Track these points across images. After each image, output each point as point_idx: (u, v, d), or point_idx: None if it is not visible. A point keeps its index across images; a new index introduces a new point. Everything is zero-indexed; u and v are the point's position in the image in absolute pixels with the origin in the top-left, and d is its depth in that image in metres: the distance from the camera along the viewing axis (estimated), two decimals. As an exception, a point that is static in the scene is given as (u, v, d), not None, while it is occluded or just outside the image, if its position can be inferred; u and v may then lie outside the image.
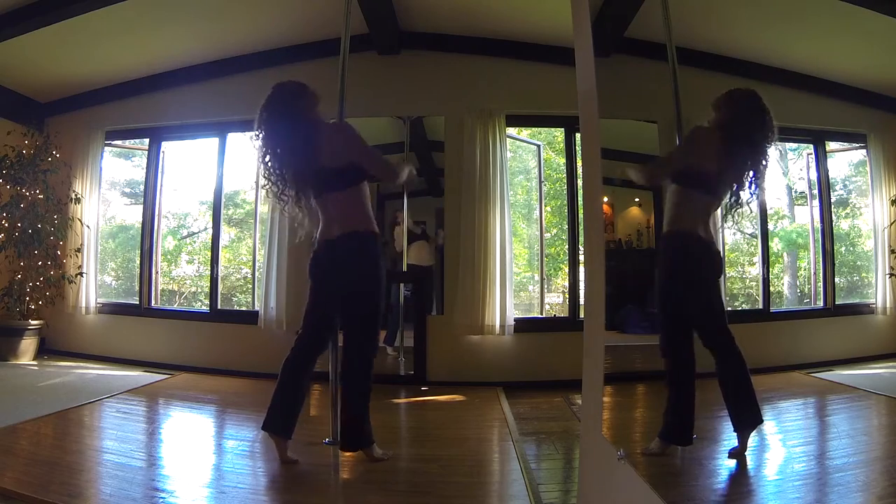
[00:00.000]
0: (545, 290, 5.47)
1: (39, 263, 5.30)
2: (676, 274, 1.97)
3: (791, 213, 2.03)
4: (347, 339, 2.88)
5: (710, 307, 1.88)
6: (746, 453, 1.61)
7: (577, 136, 4.93)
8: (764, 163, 1.78)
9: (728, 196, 1.82)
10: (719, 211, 1.88)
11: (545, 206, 5.55)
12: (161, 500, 2.34)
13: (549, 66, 4.89)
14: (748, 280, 2.09)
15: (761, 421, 1.64)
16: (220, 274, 5.53)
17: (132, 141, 6.02)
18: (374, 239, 2.86)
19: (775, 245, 2.03)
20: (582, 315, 2.51)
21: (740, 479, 1.66)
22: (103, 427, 3.49)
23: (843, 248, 1.80)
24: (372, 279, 2.83)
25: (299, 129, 2.82)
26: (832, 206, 1.75)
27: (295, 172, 2.83)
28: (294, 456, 2.82)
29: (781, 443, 1.68)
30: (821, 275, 1.83)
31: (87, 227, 5.48)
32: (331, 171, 2.82)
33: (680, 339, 1.95)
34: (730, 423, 1.73)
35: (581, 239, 4.84)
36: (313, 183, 2.85)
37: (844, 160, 1.75)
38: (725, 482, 1.71)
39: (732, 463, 1.71)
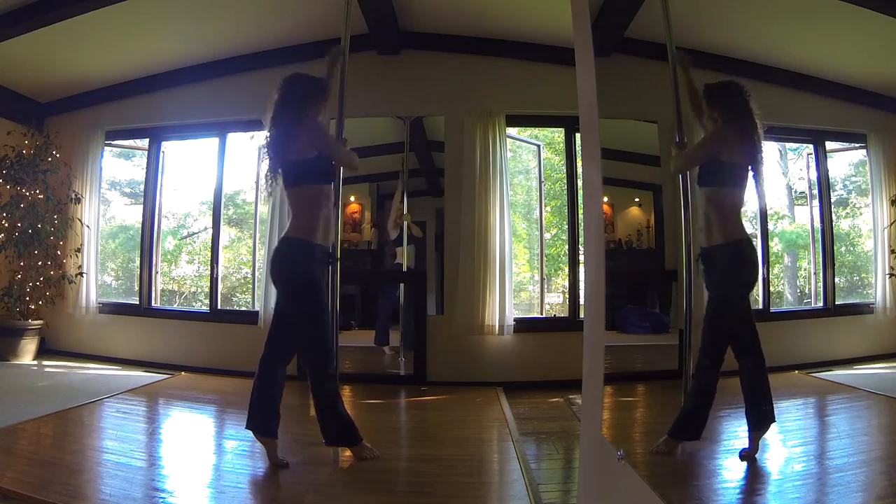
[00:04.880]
0: (545, 290, 5.47)
1: (39, 263, 5.30)
2: (745, 279, 1.93)
3: (791, 213, 2.03)
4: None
5: (749, 312, 1.87)
6: (756, 455, 1.61)
7: (577, 136, 4.93)
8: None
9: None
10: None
11: (545, 206, 5.55)
12: (161, 500, 2.34)
13: (549, 66, 4.89)
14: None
15: (773, 420, 1.64)
16: (220, 274, 5.53)
17: (132, 141, 6.02)
18: (294, 245, 2.86)
19: (775, 245, 2.03)
20: (582, 315, 2.51)
21: (740, 479, 1.66)
22: (103, 427, 3.49)
23: (843, 248, 1.80)
24: (293, 287, 2.87)
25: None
26: (832, 206, 1.75)
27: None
28: (285, 457, 2.82)
29: (782, 443, 1.68)
30: (821, 275, 1.83)
31: (87, 227, 5.48)
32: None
33: (723, 343, 1.94)
34: (730, 423, 1.73)
35: (581, 239, 4.84)
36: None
37: (844, 160, 1.75)
38: (725, 482, 1.71)
39: (732, 463, 1.71)
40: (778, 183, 2.03)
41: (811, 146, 1.84)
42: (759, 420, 1.69)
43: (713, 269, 1.98)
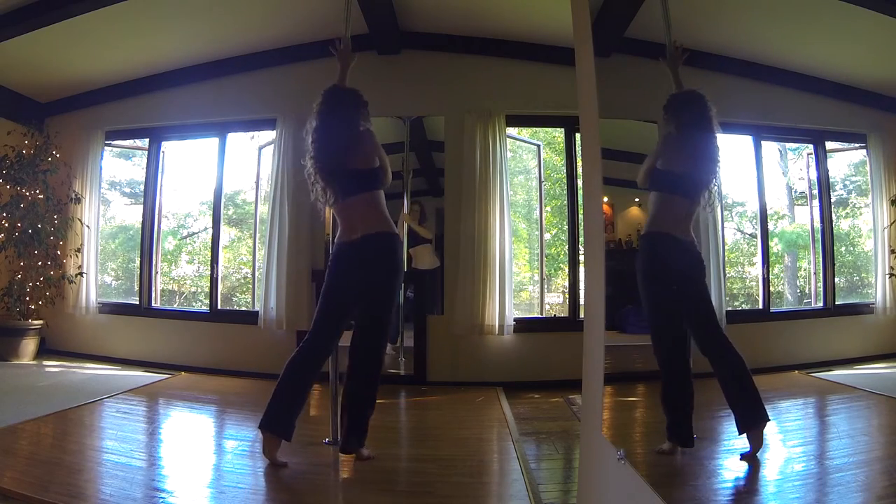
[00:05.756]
0: (545, 290, 5.47)
1: (39, 263, 5.31)
2: (646, 275, 2.00)
3: (791, 213, 2.03)
4: (362, 341, 2.90)
5: (696, 311, 1.88)
6: (758, 454, 1.60)
7: (577, 136, 4.94)
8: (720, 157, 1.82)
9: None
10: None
11: (545, 206, 5.55)
12: (161, 500, 2.34)
13: (549, 66, 4.89)
14: (748, 280, 2.09)
15: (767, 419, 1.64)
16: (220, 274, 5.53)
17: (132, 141, 6.02)
18: (397, 240, 3.00)
19: (775, 245, 2.03)
20: (582, 315, 2.51)
21: (740, 479, 1.66)
22: (103, 427, 3.49)
23: (843, 248, 1.80)
24: (396, 281, 2.95)
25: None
26: (832, 206, 1.75)
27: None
28: (284, 458, 2.79)
29: (781, 443, 1.68)
30: (821, 275, 1.83)
31: (87, 227, 5.49)
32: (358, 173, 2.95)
33: (664, 340, 1.96)
34: (731, 422, 1.72)
35: (581, 239, 4.84)
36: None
37: (844, 160, 1.75)
38: (725, 482, 1.71)
39: (732, 463, 1.71)
40: (778, 183, 2.04)
41: (811, 146, 1.84)
42: (744, 421, 1.69)
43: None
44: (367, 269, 2.88)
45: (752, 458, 1.63)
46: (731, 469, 1.71)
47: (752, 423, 1.65)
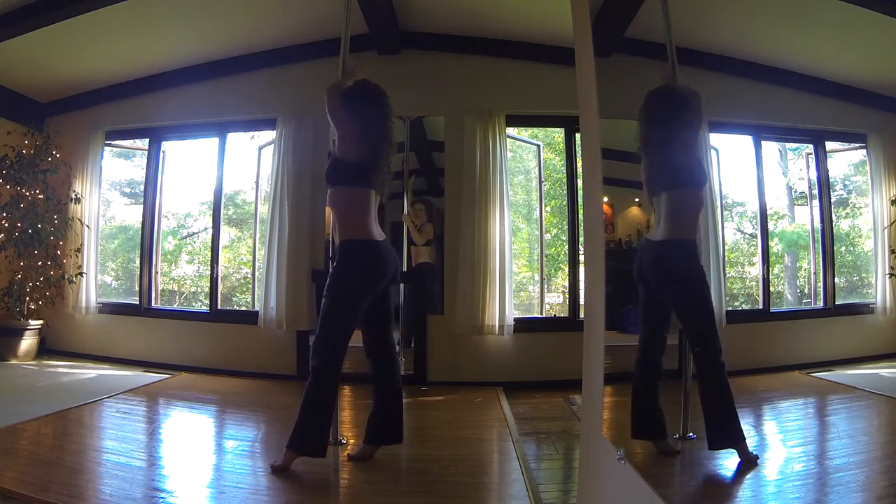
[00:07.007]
0: (545, 290, 5.47)
1: (39, 263, 5.31)
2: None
3: (791, 213, 2.03)
4: (383, 342, 3.00)
5: (690, 313, 1.88)
6: (758, 462, 1.60)
7: (577, 136, 4.94)
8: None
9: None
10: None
11: (545, 206, 5.55)
12: (161, 500, 2.34)
13: (549, 66, 4.89)
14: (748, 280, 2.09)
15: (740, 440, 1.61)
16: (220, 274, 5.53)
17: (132, 141, 6.02)
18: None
19: (775, 245, 2.03)
20: (582, 315, 2.51)
21: (740, 479, 1.66)
22: (103, 427, 3.49)
23: (843, 248, 1.80)
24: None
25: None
26: (832, 206, 1.75)
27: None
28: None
29: (781, 443, 1.68)
30: (821, 275, 1.83)
31: (87, 227, 5.48)
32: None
33: (641, 340, 2.00)
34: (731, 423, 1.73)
35: (581, 239, 4.84)
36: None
37: (844, 160, 1.75)
38: (725, 482, 1.71)
39: (733, 463, 1.71)
40: (778, 183, 2.04)
41: (811, 146, 1.84)
42: (717, 439, 1.68)
43: None
44: (390, 273, 2.94)
45: (748, 466, 1.63)
46: (730, 469, 1.71)
47: (722, 446, 1.65)
